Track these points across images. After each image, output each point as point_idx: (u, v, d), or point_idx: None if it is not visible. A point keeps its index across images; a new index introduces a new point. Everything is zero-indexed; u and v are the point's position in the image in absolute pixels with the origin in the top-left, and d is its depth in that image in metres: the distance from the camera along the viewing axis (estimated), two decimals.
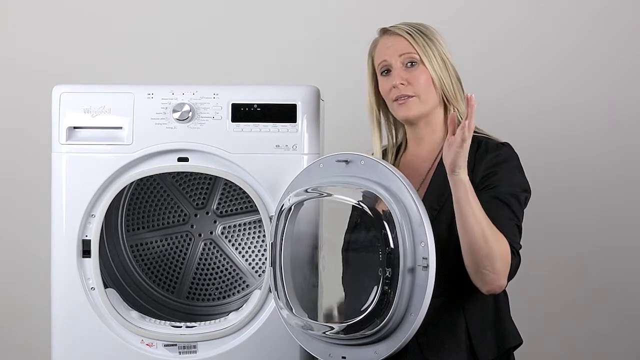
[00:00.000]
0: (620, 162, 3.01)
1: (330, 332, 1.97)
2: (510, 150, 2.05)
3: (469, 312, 1.99)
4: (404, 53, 2.06)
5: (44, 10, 3.15)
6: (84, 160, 2.24)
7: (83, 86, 2.28)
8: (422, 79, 2.04)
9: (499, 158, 2.02)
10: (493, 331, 2.02)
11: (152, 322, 2.29)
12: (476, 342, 1.99)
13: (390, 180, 1.93)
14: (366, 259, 1.98)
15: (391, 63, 2.07)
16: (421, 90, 2.05)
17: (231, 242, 2.62)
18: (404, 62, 2.06)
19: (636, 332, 3.02)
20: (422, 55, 2.04)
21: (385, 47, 2.09)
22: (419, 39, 2.05)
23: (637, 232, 3.01)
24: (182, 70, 3.10)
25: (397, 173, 1.94)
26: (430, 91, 2.06)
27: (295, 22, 3.11)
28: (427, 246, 1.85)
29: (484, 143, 2.05)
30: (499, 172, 2.00)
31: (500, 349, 2.02)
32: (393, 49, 2.07)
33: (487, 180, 2.00)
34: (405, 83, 2.04)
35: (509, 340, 2.04)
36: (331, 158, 2.05)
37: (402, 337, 1.89)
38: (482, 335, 2.00)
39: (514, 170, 2.02)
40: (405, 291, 1.86)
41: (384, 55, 2.09)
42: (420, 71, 2.05)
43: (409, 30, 2.07)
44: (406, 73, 2.05)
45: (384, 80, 2.10)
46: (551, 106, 3.02)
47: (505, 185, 1.98)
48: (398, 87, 2.04)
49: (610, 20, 3.02)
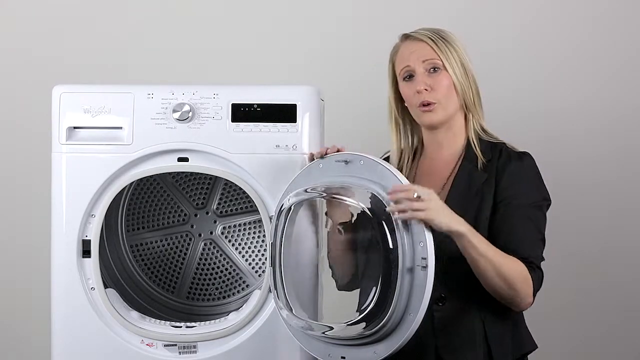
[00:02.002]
0: (620, 162, 3.01)
1: (329, 332, 1.97)
2: (532, 160, 2.06)
3: (486, 318, 2.00)
4: (427, 59, 2.06)
5: (44, 10, 3.14)
6: (84, 160, 2.24)
7: (83, 86, 2.28)
8: (444, 84, 2.05)
9: (522, 169, 2.03)
10: (510, 337, 2.03)
11: (152, 322, 2.29)
12: (494, 347, 2.00)
13: (389, 180, 1.94)
14: (365, 258, 1.99)
15: (414, 69, 2.07)
16: (444, 96, 2.05)
17: (231, 242, 2.62)
18: (427, 68, 2.06)
19: (636, 332, 3.02)
20: (444, 61, 2.05)
21: (408, 53, 2.09)
22: (441, 45, 2.06)
23: (637, 232, 3.01)
24: (182, 70, 3.10)
25: (396, 173, 1.94)
26: (452, 96, 2.06)
27: (295, 22, 3.11)
28: (426, 246, 1.85)
29: (504, 151, 2.06)
30: (522, 184, 2.02)
31: (515, 355, 2.03)
32: (416, 54, 2.07)
33: (510, 190, 2.01)
34: (428, 89, 2.05)
35: (526, 345, 2.06)
36: (331, 158, 2.06)
37: (401, 337, 1.89)
38: (500, 341, 2.01)
39: (536, 181, 2.05)
40: (404, 291, 1.86)
41: (406, 61, 2.08)
42: (443, 76, 2.05)
43: (431, 36, 2.07)
44: (429, 79, 2.05)
45: (407, 86, 2.09)
46: (551, 106, 3.02)
47: (529, 197, 2.01)
48: (422, 93, 2.05)
49: (610, 20, 3.02)
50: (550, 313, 2.95)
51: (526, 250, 1.97)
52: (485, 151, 2.06)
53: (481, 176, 2.03)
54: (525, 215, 1.99)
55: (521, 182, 2.02)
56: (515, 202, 2.00)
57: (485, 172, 2.03)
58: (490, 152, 2.06)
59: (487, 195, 2.01)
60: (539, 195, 2.03)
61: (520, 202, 2.00)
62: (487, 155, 2.06)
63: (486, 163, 2.04)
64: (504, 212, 1.99)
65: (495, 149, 2.07)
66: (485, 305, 2.00)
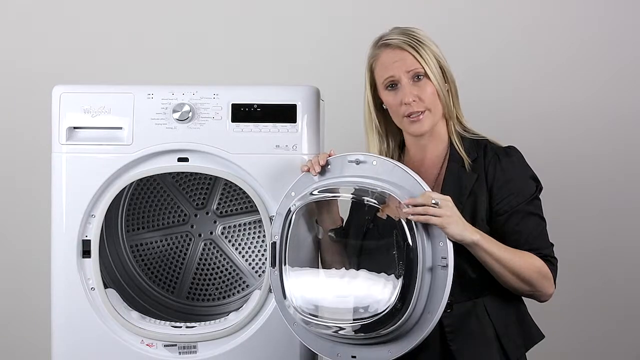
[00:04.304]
0: (620, 162, 3.01)
1: (342, 331, 1.97)
2: (518, 153, 2.07)
3: (493, 314, 2.01)
4: (411, 69, 2.04)
5: (44, 10, 3.15)
6: (84, 161, 2.24)
7: (83, 86, 2.28)
8: (429, 92, 2.04)
9: (513, 165, 2.04)
10: (518, 330, 2.05)
11: (152, 322, 2.29)
12: (505, 341, 2.01)
13: (405, 180, 1.95)
14: (382, 258, 1.98)
15: (399, 79, 2.04)
16: (431, 103, 2.04)
17: (231, 242, 2.62)
18: (411, 77, 2.05)
19: (636, 332, 3.02)
20: (426, 69, 2.03)
21: (390, 62, 2.06)
22: (421, 51, 2.03)
23: (637, 232, 3.01)
24: (182, 70, 3.10)
25: (411, 173, 1.96)
26: (437, 102, 2.06)
27: (295, 22, 3.11)
28: (445, 245, 1.87)
29: (489, 148, 2.07)
30: (517, 180, 2.03)
31: (527, 346, 2.06)
32: (399, 64, 2.04)
33: (506, 189, 2.02)
34: (416, 100, 2.04)
35: (534, 337, 2.08)
36: (341, 158, 2.06)
37: (418, 337, 1.91)
38: (511, 335, 2.03)
39: (528, 173, 2.06)
40: (424, 291, 1.87)
41: (390, 71, 2.05)
42: (427, 84, 2.04)
43: (411, 42, 2.04)
44: (415, 88, 2.04)
45: (391, 95, 2.07)
46: (551, 106, 3.02)
47: (526, 192, 2.02)
48: (410, 105, 2.04)
49: (610, 20, 3.02)
50: (550, 313, 2.95)
51: (538, 244, 2.00)
52: (469, 150, 2.07)
53: (471, 177, 2.03)
54: (527, 212, 2.01)
55: (515, 179, 2.03)
56: (515, 201, 2.01)
57: (474, 172, 2.03)
58: (474, 150, 2.07)
59: (481, 196, 2.01)
60: (533, 185, 2.04)
61: (520, 199, 2.01)
62: (472, 155, 2.06)
63: (472, 163, 2.05)
64: (506, 213, 2.00)
65: (479, 146, 2.07)
66: (490, 304, 2.01)
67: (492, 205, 2.01)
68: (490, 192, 2.02)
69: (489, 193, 2.02)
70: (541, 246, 2.01)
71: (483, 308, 2.01)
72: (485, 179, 2.03)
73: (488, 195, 2.02)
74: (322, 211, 2.11)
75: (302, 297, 2.04)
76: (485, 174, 2.03)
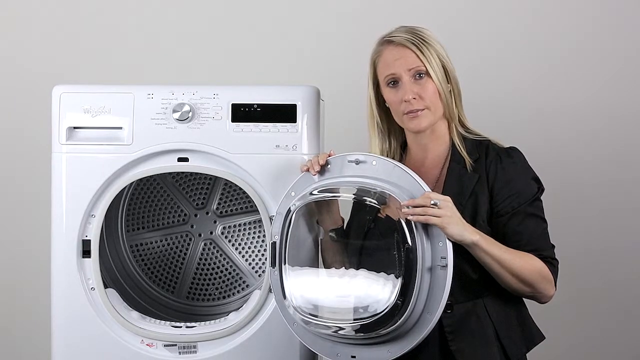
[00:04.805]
0: (620, 162, 3.01)
1: (342, 331, 1.97)
2: (520, 154, 2.07)
3: (493, 315, 2.01)
4: (412, 67, 2.04)
5: (44, 10, 3.15)
6: (84, 161, 2.24)
7: (83, 86, 2.28)
8: (430, 91, 2.04)
9: (515, 166, 2.04)
10: (520, 331, 2.05)
11: (152, 322, 2.29)
12: (506, 343, 2.01)
13: (404, 180, 1.95)
14: (383, 258, 1.98)
15: (400, 76, 2.04)
16: (431, 102, 2.04)
17: (231, 242, 2.62)
18: (412, 75, 2.05)
19: (636, 332, 3.02)
20: (428, 68, 2.03)
21: (392, 59, 2.06)
22: (424, 50, 2.03)
23: (637, 232, 3.01)
24: (182, 70, 3.10)
25: (411, 173, 1.96)
26: (438, 101, 2.06)
27: (295, 22, 3.11)
28: (445, 245, 1.87)
29: (491, 149, 2.07)
30: (519, 181, 2.03)
31: (528, 347, 2.06)
32: (401, 62, 2.04)
33: (508, 190, 2.02)
34: (417, 97, 2.04)
35: (535, 337, 2.08)
36: (341, 158, 2.06)
37: (418, 337, 1.91)
38: (512, 336, 2.03)
39: (529, 174, 2.06)
40: (424, 290, 1.88)
41: (391, 68, 2.06)
42: (428, 82, 2.04)
43: (414, 41, 2.04)
44: (416, 86, 2.04)
45: (392, 92, 2.07)
46: (551, 106, 3.02)
47: (528, 193, 2.02)
48: (410, 102, 2.04)
49: (610, 20, 3.02)
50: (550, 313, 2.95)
51: (538, 245, 2.00)
52: (471, 151, 2.07)
53: (472, 177, 2.03)
54: (529, 213, 2.01)
55: (517, 180, 2.03)
56: (516, 202, 2.01)
57: (475, 172, 2.03)
58: (476, 151, 2.07)
59: (482, 197, 2.01)
60: (534, 187, 2.04)
61: (521, 200, 2.01)
62: (473, 155, 2.06)
63: (474, 163, 2.04)
64: (508, 214, 2.00)
65: (481, 146, 2.07)
66: (491, 305, 2.01)
67: (493, 206, 2.01)
68: (491, 193, 2.02)
69: (490, 194, 2.02)
70: (542, 247, 2.01)
71: (483, 308, 2.01)
72: (487, 180, 2.03)
73: (489, 196, 2.02)
74: (322, 211, 2.11)
75: (302, 297, 2.05)
76: (486, 174, 2.03)
